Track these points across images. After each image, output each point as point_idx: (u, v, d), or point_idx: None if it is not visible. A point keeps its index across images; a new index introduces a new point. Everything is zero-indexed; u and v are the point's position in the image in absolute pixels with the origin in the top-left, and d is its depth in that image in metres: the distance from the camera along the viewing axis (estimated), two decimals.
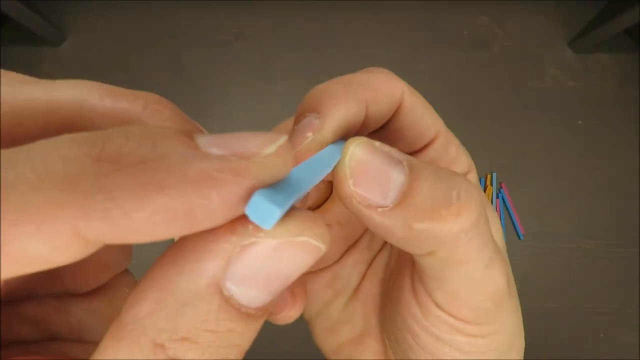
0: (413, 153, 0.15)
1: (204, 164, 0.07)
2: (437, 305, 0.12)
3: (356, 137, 0.11)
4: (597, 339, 0.65)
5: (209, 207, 0.07)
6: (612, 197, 0.72)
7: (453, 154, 0.15)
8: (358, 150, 0.10)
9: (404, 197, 0.10)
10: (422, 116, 0.14)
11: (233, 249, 0.08)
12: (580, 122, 0.76)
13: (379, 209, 0.10)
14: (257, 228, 0.08)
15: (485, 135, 0.74)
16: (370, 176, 0.10)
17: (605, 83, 0.78)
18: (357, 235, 0.17)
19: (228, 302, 0.08)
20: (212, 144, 0.08)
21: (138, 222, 0.07)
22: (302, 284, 0.14)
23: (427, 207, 0.10)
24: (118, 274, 0.14)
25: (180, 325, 0.07)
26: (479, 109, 0.75)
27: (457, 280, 0.11)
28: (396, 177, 0.10)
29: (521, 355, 0.14)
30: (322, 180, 0.15)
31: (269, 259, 0.08)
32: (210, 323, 0.07)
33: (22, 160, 0.06)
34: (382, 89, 0.13)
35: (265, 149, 0.08)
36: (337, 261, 0.17)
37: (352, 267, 0.17)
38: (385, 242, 0.17)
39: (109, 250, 0.13)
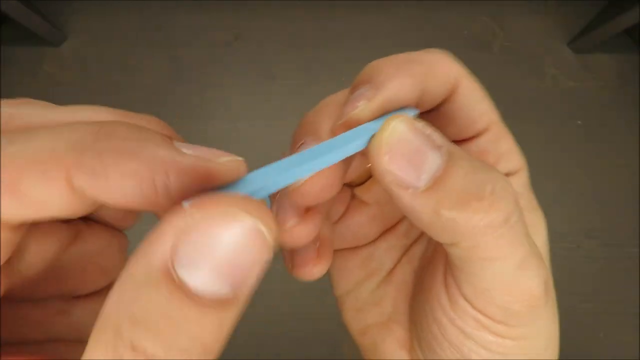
0: (461, 141, 0.14)
1: (173, 152, 0.09)
2: (465, 298, 0.12)
3: (399, 114, 0.11)
4: (597, 339, 0.65)
5: (167, 184, 0.09)
6: (612, 197, 0.72)
7: (504, 148, 0.14)
8: (400, 126, 0.10)
9: (437, 182, 0.10)
10: (476, 103, 0.13)
11: (179, 233, 0.08)
12: (580, 122, 0.76)
13: (410, 190, 0.10)
14: (197, 207, 0.08)
15: None
16: (406, 155, 0.10)
17: (605, 83, 0.78)
18: (395, 219, 0.17)
19: (180, 287, 0.08)
20: (185, 147, 0.09)
21: (113, 180, 0.08)
22: (329, 244, 0.14)
23: (458, 196, 0.10)
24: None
25: (135, 310, 0.07)
26: None
27: (484, 276, 0.11)
28: (432, 161, 0.10)
29: None
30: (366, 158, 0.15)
31: (208, 237, 0.08)
32: (162, 307, 0.07)
33: (36, 131, 0.09)
34: (438, 68, 0.12)
35: (224, 157, 0.09)
36: (372, 242, 0.17)
37: (386, 250, 0.17)
38: (424, 232, 0.17)
39: (107, 256, 0.14)
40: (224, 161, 0.09)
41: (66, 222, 0.12)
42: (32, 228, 0.11)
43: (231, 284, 0.08)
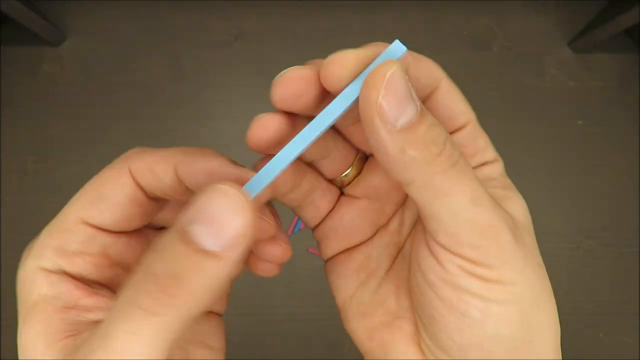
0: None
1: (229, 165, 0.15)
2: (442, 246, 0.13)
3: (395, 60, 0.12)
4: (597, 339, 0.65)
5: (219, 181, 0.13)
6: (612, 197, 0.72)
7: (481, 144, 0.16)
8: (399, 72, 0.12)
9: (411, 126, 0.12)
10: (456, 102, 0.16)
11: (196, 201, 0.12)
12: (580, 122, 0.76)
13: (389, 126, 0.12)
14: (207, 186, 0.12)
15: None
16: (397, 96, 0.12)
17: (605, 83, 0.78)
18: (385, 214, 0.18)
19: (184, 234, 0.11)
20: (235, 165, 0.15)
21: (194, 170, 0.14)
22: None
23: (423, 141, 0.12)
24: None
25: (158, 244, 0.12)
26: (478, 109, 0.75)
27: (445, 214, 0.13)
28: (410, 109, 0.12)
29: (555, 338, 0.14)
30: (357, 161, 0.17)
31: (204, 204, 0.12)
32: (171, 244, 0.12)
33: (160, 148, 0.15)
34: (423, 62, 0.15)
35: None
36: (368, 242, 0.18)
37: (383, 248, 0.18)
38: (414, 227, 0.17)
39: None
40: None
41: None
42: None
43: (219, 243, 0.11)
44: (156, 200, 0.16)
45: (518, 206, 0.15)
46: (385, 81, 0.12)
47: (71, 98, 0.75)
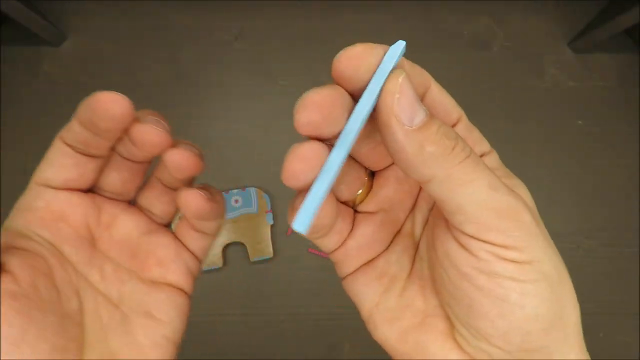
0: None
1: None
2: (471, 236, 0.14)
3: (401, 70, 0.13)
4: (597, 339, 0.65)
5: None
6: (612, 197, 0.72)
7: (476, 136, 0.17)
8: (406, 80, 0.13)
9: (424, 125, 0.13)
10: (448, 98, 0.17)
11: None
12: (580, 122, 0.76)
13: (405, 126, 0.13)
14: None
15: (484, 135, 0.74)
16: (408, 100, 0.13)
17: (605, 83, 0.78)
18: (400, 221, 0.18)
19: None
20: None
21: (83, 107, 0.17)
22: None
23: (437, 136, 0.13)
24: None
25: None
26: (478, 109, 0.75)
27: (468, 203, 0.13)
28: (420, 112, 0.13)
29: (577, 314, 0.15)
30: (368, 178, 0.18)
31: None
32: None
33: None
34: (415, 65, 0.16)
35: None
36: (386, 250, 0.18)
37: (401, 252, 0.18)
38: (425, 226, 0.18)
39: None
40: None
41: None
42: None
43: None
44: (86, 156, 0.17)
45: (524, 193, 0.16)
46: (398, 88, 0.13)
47: (71, 98, 0.75)
